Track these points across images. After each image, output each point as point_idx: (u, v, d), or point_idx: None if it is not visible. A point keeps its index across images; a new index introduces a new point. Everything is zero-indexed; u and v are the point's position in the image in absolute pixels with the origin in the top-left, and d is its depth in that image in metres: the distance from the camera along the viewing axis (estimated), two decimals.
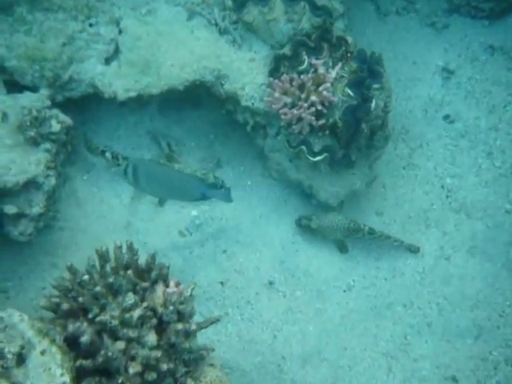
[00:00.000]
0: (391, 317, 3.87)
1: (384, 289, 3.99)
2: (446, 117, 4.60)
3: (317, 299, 3.84)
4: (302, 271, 3.93)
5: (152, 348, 2.12)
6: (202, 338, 2.80)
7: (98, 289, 2.09)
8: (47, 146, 3.42)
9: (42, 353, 1.82)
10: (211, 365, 2.36)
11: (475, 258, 4.16)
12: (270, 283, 3.84)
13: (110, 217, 3.87)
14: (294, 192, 4.20)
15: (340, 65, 3.64)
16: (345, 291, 3.93)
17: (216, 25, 3.90)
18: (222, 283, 3.77)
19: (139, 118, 4.21)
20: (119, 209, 3.91)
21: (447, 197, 4.38)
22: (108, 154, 3.90)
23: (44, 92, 3.56)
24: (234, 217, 4.03)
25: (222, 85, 3.81)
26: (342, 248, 4.04)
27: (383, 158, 4.13)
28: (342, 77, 3.65)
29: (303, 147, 3.71)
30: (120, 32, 3.76)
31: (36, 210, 3.28)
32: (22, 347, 1.82)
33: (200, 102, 4.27)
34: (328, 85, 3.55)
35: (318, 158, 3.72)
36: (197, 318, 2.64)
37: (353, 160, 3.78)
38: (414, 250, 4.11)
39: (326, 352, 3.65)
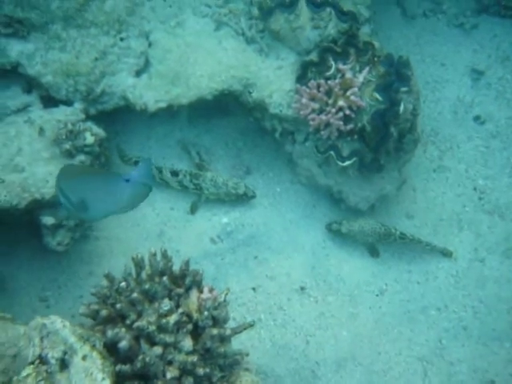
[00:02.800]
0: (425, 321, 3.84)
1: (417, 292, 3.96)
2: (477, 118, 4.55)
3: (349, 304, 3.84)
4: (333, 276, 3.94)
5: (188, 353, 2.17)
6: (236, 344, 2.83)
7: (134, 295, 2.15)
8: (82, 157, 3.52)
9: (84, 358, 1.88)
10: (246, 369, 2.40)
11: (510, 259, 4.09)
12: (302, 289, 3.86)
13: (144, 225, 3.95)
14: (322, 197, 4.21)
15: (367, 69, 3.64)
16: (377, 295, 3.91)
17: (243, 34, 3.96)
18: (253, 289, 3.80)
19: (169, 128, 4.30)
20: (152, 217, 3.99)
21: (480, 199, 4.33)
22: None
23: (78, 106, 3.67)
24: (264, 223, 4.06)
25: (250, 93, 3.86)
26: (373, 252, 4.03)
27: (413, 160, 4.10)
28: (370, 81, 3.65)
29: (332, 152, 3.73)
30: (150, 45, 3.86)
31: (73, 220, 3.37)
32: (65, 353, 1.89)
33: (228, 110, 4.33)
34: (355, 89, 3.56)
35: (347, 163, 3.73)
36: (230, 324, 2.69)
37: (382, 164, 3.78)
38: (446, 253, 4.07)
39: (359, 357, 3.64)
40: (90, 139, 3.53)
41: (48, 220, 3.30)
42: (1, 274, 3.48)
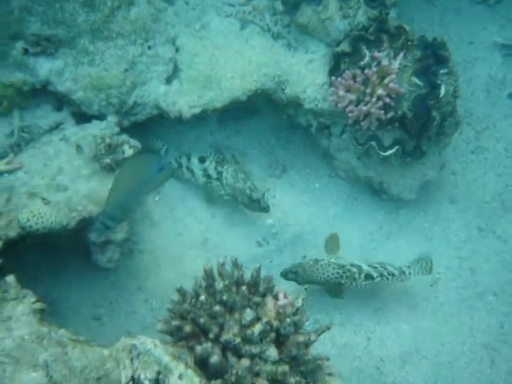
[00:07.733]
0: (484, 307, 3.75)
1: (471, 279, 3.87)
2: (511, 95, 4.45)
3: (405, 296, 3.75)
4: None
5: (274, 362, 2.09)
6: None
7: (216, 308, 2.07)
8: None
9: (180, 377, 1.80)
10: (330, 374, 2.31)
11: None
12: None
13: (187, 234, 3.88)
14: (363, 189, 4.14)
15: (402, 54, 3.55)
16: (431, 285, 3.83)
17: (269, 30, 3.88)
18: (306, 289, 3.71)
19: (200, 133, 4.22)
20: (194, 226, 3.92)
21: None
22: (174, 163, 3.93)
23: (112, 119, 3.59)
24: (308, 221, 3.98)
25: (283, 90, 3.78)
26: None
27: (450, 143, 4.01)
28: (406, 66, 3.56)
29: (373, 143, 3.64)
30: (177, 50, 3.78)
31: (121, 235, 3.31)
32: (159, 373, 1.82)
33: (255, 109, 4.24)
34: (393, 76, 3.47)
35: (389, 152, 3.64)
36: None
37: (424, 150, 3.69)
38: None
39: (423, 350, 3.56)
40: (129, 152, 3.46)
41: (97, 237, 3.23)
42: (51, 296, 3.40)
